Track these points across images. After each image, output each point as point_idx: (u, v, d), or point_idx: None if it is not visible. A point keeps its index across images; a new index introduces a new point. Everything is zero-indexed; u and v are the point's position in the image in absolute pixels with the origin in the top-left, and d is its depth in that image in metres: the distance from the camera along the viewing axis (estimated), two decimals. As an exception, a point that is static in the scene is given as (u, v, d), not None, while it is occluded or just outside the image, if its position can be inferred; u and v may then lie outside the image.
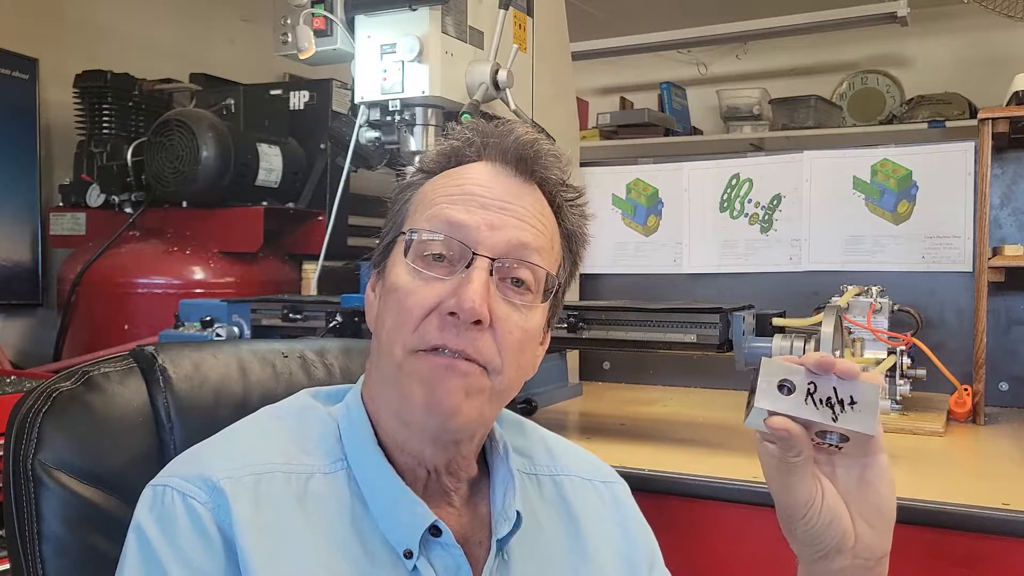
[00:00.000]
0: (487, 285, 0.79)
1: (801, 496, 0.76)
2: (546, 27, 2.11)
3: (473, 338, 0.78)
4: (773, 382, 0.73)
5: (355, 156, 1.84)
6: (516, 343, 0.81)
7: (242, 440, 0.83)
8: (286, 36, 1.82)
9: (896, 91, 4.03)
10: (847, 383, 0.73)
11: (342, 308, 1.73)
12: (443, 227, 0.81)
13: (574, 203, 0.89)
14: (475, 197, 0.82)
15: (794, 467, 0.75)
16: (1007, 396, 2.04)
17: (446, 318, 0.78)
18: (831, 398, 0.73)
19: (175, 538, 0.74)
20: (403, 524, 0.79)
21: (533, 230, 0.83)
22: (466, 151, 0.86)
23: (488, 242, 0.80)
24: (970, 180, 2.06)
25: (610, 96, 4.48)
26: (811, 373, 0.73)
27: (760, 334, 1.51)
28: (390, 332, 0.81)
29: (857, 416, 0.73)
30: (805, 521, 0.77)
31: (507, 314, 0.80)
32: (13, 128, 2.67)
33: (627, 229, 2.47)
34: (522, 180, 0.85)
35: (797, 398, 0.73)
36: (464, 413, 0.79)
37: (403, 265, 0.82)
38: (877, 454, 0.77)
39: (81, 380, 0.91)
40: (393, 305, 0.81)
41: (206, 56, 3.14)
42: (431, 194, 0.85)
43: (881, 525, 0.78)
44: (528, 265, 0.82)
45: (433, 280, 0.80)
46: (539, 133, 0.87)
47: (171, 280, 2.39)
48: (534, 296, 0.83)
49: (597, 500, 0.96)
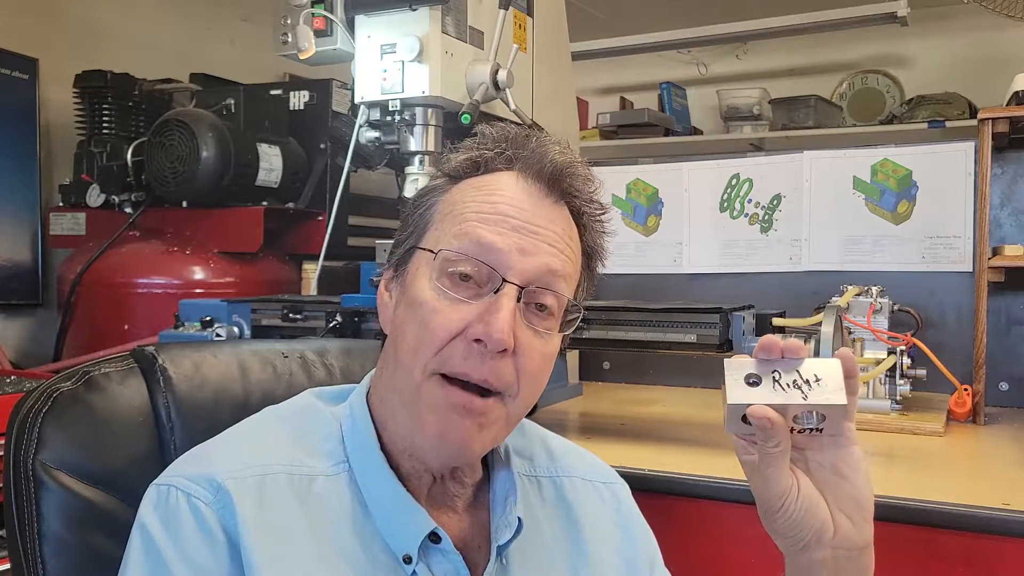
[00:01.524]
0: (514, 313, 0.78)
1: (778, 488, 0.77)
2: (546, 27, 2.11)
3: (495, 366, 0.77)
4: (739, 378, 0.76)
5: (355, 156, 1.85)
6: (536, 368, 0.81)
7: (246, 441, 0.83)
8: (286, 36, 1.82)
9: (896, 91, 4.03)
10: (811, 363, 0.76)
11: (342, 308, 1.73)
12: (473, 248, 0.79)
13: (598, 219, 0.88)
14: (507, 218, 0.80)
15: (772, 459, 0.76)
16: (1007, 396, 2.04)
17: (472, 345, 0.77)
18: (796, 380, 0.75)
19: (179, 538, 0.74)
20: (403, 530, 0.79)
21: (562, 256, 0.82)
22: (496, 161, 0.85)
23: (518, 267, 0.79)
24: (970, 180, 2.06)
25: (610, 96, 4.48)
26: (772, 361, 0.76)
27: (760, 334, 1.51)
28: (411, 350, 0.79)
29: (825, 390, 0.75)
30: (783, 512, 0.78)
31: (530, 341, 0.80)
32: (13, 128, 2.67)
33: (627, 229, 2.47)
34: (553, 200, 0.84)
35: (765, 387, 0.75)
36: (476, 448, 0.80)
37: (427, 280, 0.80)
38: (850, 447, 0.79)
39: (82, 380, 0.91)
40: (415, 321, 0.80)
41: (206, 56, 3.14)
42: (459, 205, 0.83)
43: (859, 516, 0.79)
44: (553, 293, 0.81)
45: (459, 302, 0.79)
46: (568, 149, 0.86)
47: (171, 280, 2.39)
48: (555, 321, 0.82)
49: (597, 501, 0.96)
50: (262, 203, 2.47)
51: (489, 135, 0.86)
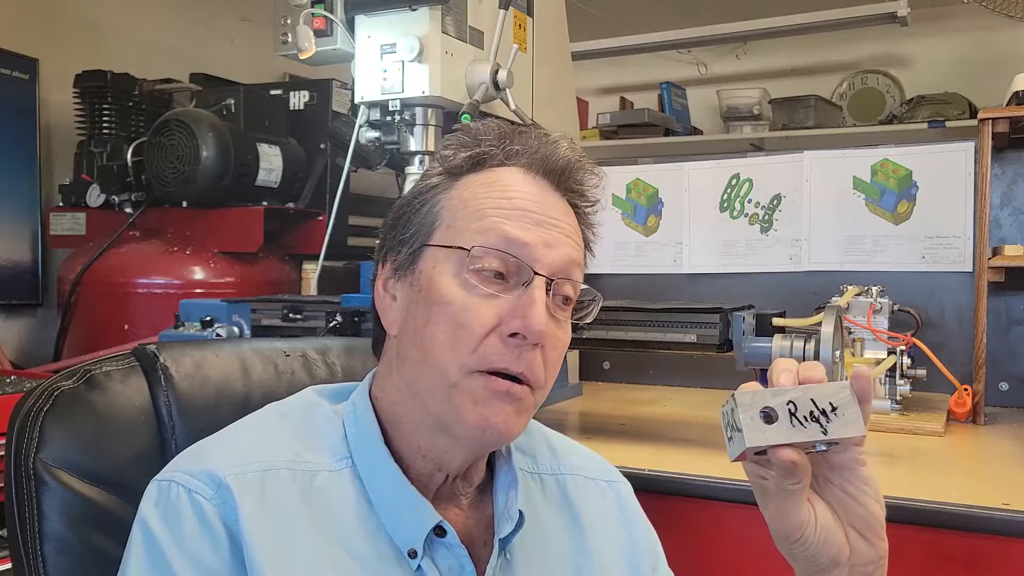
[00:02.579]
0: (547, 305, 0.79)
1: (796, 521, 0.76)
2: (546, 27, 2.11)
3: (531, 360, 0.78)
4: (755, 415, 0.71)
5: (355, 156, 1.84)
6: (558, 358, 0.82)
7: (248, 437, 0.83)
8: (286, 36, 1.82)
9: (896, 91, 4.03)
10: (821, 390, 0.72)
11: (342, 308, 1.73)
12: (501, 243, 0.80)
13: (588, 213, 0.90)
14: (528, 213, 0.82)
15: (791, 494, 0.75)
16: (1007, 396, 2.04)
17: (508, 339, 0.78)
18: (813, 411, 0.71)
19: (180, 534, 0.74)
20: (407, 524, 0.79)
21: (578, 247, 0.85)
22: (499, 156, 0.85)
23: (545, 260, 0.80)
24: (970, 180, 2.06)
25: (610, 96, 4.48)
26: (788, 391, 0.72)
27: (760, 334, 1.51)
28: (443, 349, 0.79)
29: (843, 421, 0.71)
30: (801, 543, 0.77)
31: (553, 332, 0.81)
32: (13, 128, 2.67)
33: (627, 229, 2.47)
34: (560, 194, 0.86)
35: (783, 424, 0.71)
36: (516, 432, 0.81)
37: (454, 277, 0.80)
38: (858, 468, 0.77)
39: (83, 379, 0.91)
40: (445, 320, 0.79)
41: (206, 56, 3.14)
42: (472, 202, 0.83)
43: (871, 534, 0.78)
44: (573, 282, 0.83)
45: (490, 297, 0.79)
46: (573, 144, 0.88)
47: (171, 280, 2.39)
48: (570, 310, 0.84)
49: (600, 499, 0.96)
50: (262, 203, 2.47)
51: (480, 129, 0.87)
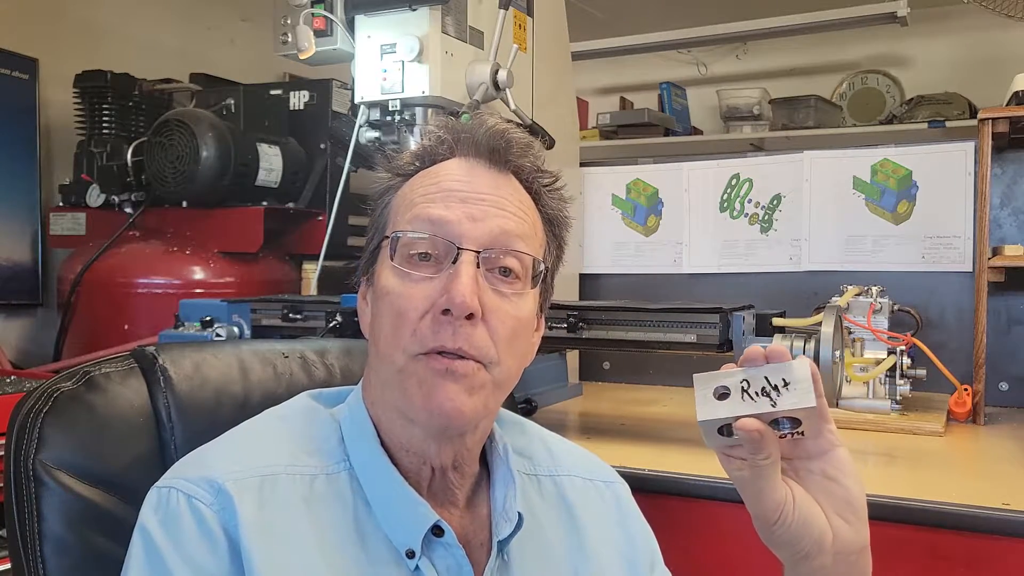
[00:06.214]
0: (475, 278, 0.79)
1: (772, 501, 0.77)
2: (546, 27, 2.11)
3: (468, 334, 0.78)
4: (708, 393, 0.75)
5: (355, 156, 1.85)
6: (509, 332, 0.81)
7: (246, 442, 0.83)
8: (286, 36, 1.82)
9: (896, 91, 4.03)
10: (777, 369, 0.74)
11: (342, 308, 1.73)
12: (425, 226, 0.81)
13: (552, 187, 0.90)
14: (453, 192, 0.82)
15: (763, 471, 0.75)
16: (1007, 396, 2.04)
17: (440, 317, 0.78)
18: (764, 387, 0.74)
19: (180, 540, 0.74)
20: (405, 524, 0.79)
21: (515, 218, 0.83)
22: (439, 150, 0.86)
23: (471, 234, 0.80)
24: (970, 180, 2.06)
25: (610, 96, 4.48)
26: (741, 371, 0.75)
27: (760, 334, 1.52)
28: (388, 338, 0.81)
29: (794, 394, 0.73)
30: (780, 524, 0.77)
31: (498, 305, 0.80)
32: (13, 128, 2.67)
33: (627, 229, 2.47)
34: (497, 171, 0.85)
35: (733, 399, 0.74)
36: (467, 412, 0.79)
37: (390, 268, 0.82)
38: (833, 449, 0.78)
39: (82, 380, 0.91)
40: (386, 310, 0.81)
41: (206, 56, 3.14)
42: (409, 195, 0.85)
43: (854, 518, 0.79)
44: (514, 253, 0.82)
45: (422, 280, 0.80)
46: (509, 123, 0.88)
47: (171, 280, 2.39)
48: (523, 283, 0.83)
49: (598, 500, 0.96)
50: (262, 203, 2.47)
51: (431, 129, 0.88)
